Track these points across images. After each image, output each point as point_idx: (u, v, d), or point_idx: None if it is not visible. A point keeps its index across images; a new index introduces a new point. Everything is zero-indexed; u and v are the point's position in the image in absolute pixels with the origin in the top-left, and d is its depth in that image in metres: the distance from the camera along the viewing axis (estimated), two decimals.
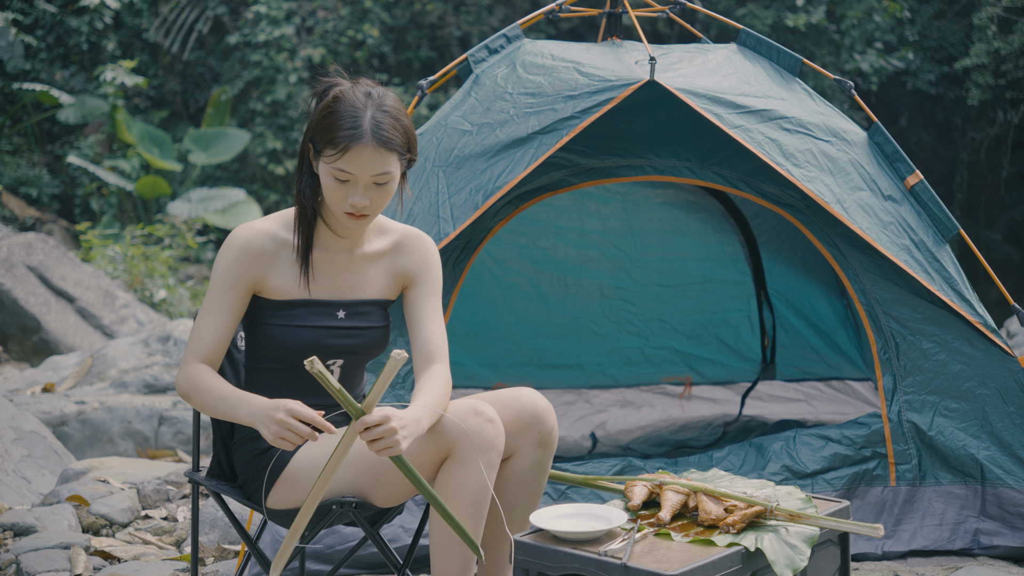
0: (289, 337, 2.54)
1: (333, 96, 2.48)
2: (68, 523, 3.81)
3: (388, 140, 2.44)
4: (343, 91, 2.48)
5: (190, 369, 2.50)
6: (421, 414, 2.37)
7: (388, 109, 2.47)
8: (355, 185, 2.46)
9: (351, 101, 2.46)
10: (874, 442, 3.55)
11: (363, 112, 2.44)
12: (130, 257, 10.19)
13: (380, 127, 2.44)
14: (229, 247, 2.54)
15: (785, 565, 2.32)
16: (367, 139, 2.43)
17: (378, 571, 3.35)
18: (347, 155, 2.43)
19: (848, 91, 3.82)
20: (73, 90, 12.87)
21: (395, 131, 2.46)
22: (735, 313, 5.14)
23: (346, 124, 2.43)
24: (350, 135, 2.43)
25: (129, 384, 6.18)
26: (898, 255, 3.53)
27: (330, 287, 2.59)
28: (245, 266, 2.52)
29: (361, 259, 2.61)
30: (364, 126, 2.43)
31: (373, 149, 2.43)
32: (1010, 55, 11.46)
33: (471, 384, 4.95)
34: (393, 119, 2.46)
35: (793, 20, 12.25)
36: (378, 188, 2.47)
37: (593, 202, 5.01)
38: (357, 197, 2.46)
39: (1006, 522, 3.48)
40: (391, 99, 2.50)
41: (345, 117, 2.44)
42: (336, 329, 2.57)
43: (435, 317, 2.63)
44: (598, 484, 2.72)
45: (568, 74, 3.61)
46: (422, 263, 2.66)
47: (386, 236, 2.66)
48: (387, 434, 2.27)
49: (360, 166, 2.44)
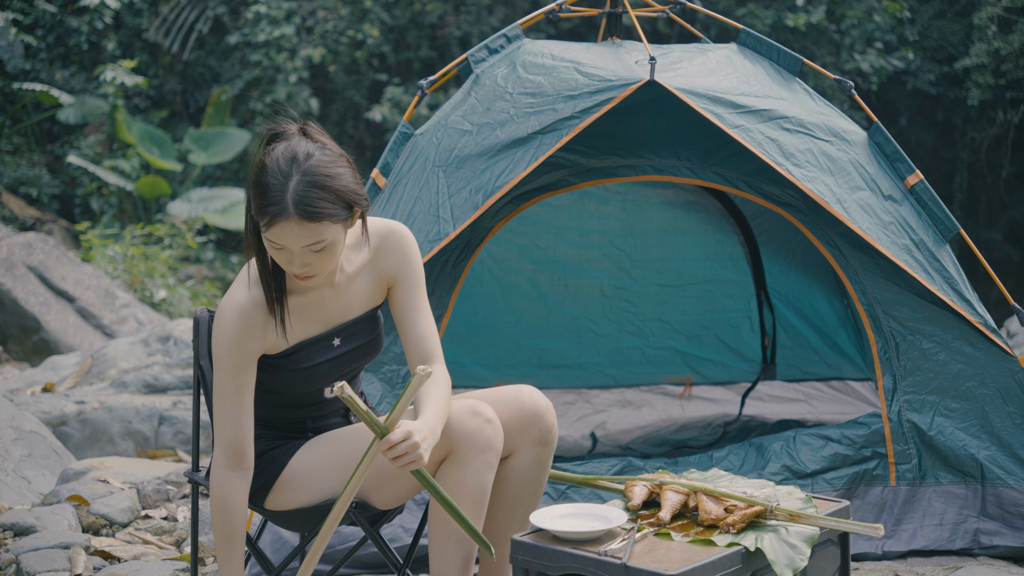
0: (291, 379, 2.53)
1: (260, 162, 2.35)
2: (68, 523, 3.81)
3: (313, 213, 2.30)
4: (268, 158, 2.34)
5: (225, 476, 2.44)
6: (435, 423, 2.37)
7: (314, 177, 2.31)
8: (291, 253, 2.35)
9: (274, 171, 2.32)
10: (874, 442, 3.55)
11: (286, 184, 2.30)
12: (130, 257, 10.19)
13: (303, 201, 2.29)
14: (225, 329, 2.43)
15: (785, 565, 2.32)
16: (289, 215, 2.29)
17: (378, 571, 3.35)
18: (273, 229, 2.31)
19: (848, 91, 3.82)
20: (73, 90, 12.87)
21: (322, 201, 2.31)
22: (735, 313, 5.14)
23: (270, 199, 2.30)
24: (274, 211, 2.29)
25: (129, 384, 6.18)
26: (898, 255, 3.53)
27: (322, 319, 2.53)
28: (246, 341, 2.43)
29: (346, 281, 2.55)
30: (286, 200, 2.29)
31: (296, 223, 2.29)
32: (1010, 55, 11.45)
33: (471, 384, 4.95)
34: (319, 188, 2.31)
35: (793, 20, 12.25)
36: (316, 255, 2.36)
37: (593, 202, 5.00)
38: (294, 266, 2.37)
39: (1006, 522, 3.48)
40: (318, 159, 2.34)
41: (270, 190, 2.30)
42: (334, 360, 2.55)
43: (424, 314, 2.58)
44: (598, 484, 2.72)
45: (568, 74, 3.61)
46: (403, 261, 2.58)
47: (363, 248, 2.57)
48: (411, 449, 2.27)
49: (288, 239, 2.32)
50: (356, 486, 2.34)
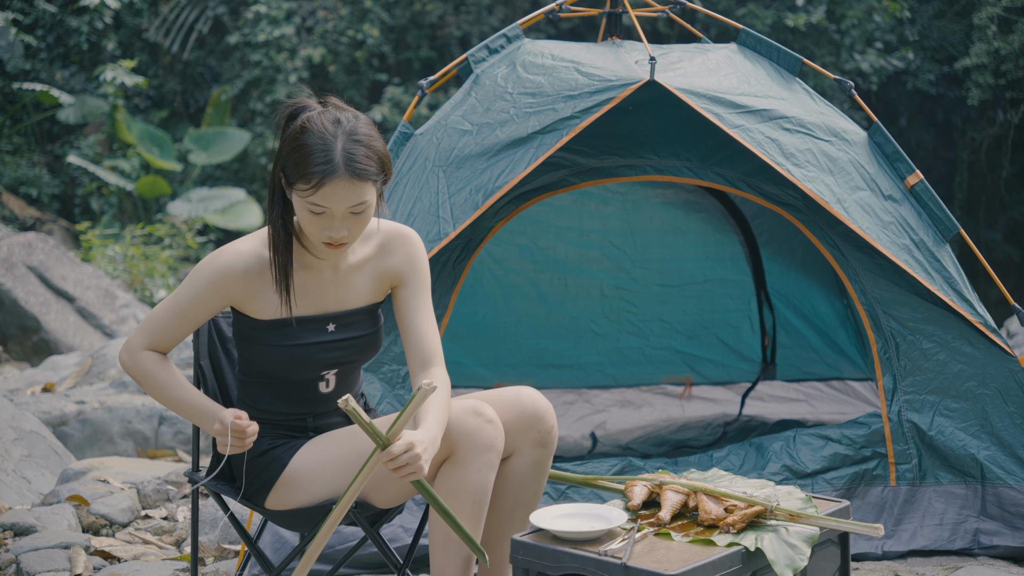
0: (281, 355, 2.52)
1: (300, 126, 2.37)
2: (68, 523, 3.81)
3: (363, 171, 2.35)
4: (310, 120, 2.37)
5: (142, 355, 2.50)
6: (436, 432, 2.37)
7: (360, 137, 2.37)
8: (331, 218, 2.38)
9: (320, 132, 2.35)
10: (874, 442, 3.55)
11: (333, 143, 2.34)
12: (130, 257, 10.20)
13: (353, 159, 2.34)
14: (212, 266, 2.47)
15: (785, 565, 2.32)
16: (340, 173, 2.33)
17: (378, 571, 3.35)
18: (321, 190, 2.34)
19: (848, 91, 3.82)
20: (73, 90, 12.87)
21: (368, 160, 2.36)
22: (735, 313, 5.14)
23: (317, 159, 2.33)
24: (323, 170, 2.32)
25: (129, 384, 6.18)
26: (898, 255, 3.53)
27: (318, 303, 2.54)
28: (224, 288, 2.47)
29: (347, 270, 2.56)
30: (336, 159, 2.33)
31: (347, 182, 2.34)
32: (1010, 55, 11.45)
33: (471, 384, 4.95)
34: (366, 147, 2.36)
35: (793, 20, 12.25)
36: (355, 217, 2.40)
37: (593, 202, 5.00)
38: (334, 230, 2.39)
39: (1006, 522, 3.47)
40: (362, 123, 2.40)
41: (316, 151, 2.33)
42: (327, 343, 2.54)
43: (427, 317, 2.59)
44: (598, 484, 2.72)
45: (568, 74, 3.61)
46: (409, 262, 2.60)
47: (370, 241, 2.59)
48: (412, 461, 2.28)
49: (335, 200, 2.35)
50: (356, 493, 2.35)
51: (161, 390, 2.51)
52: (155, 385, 2.51)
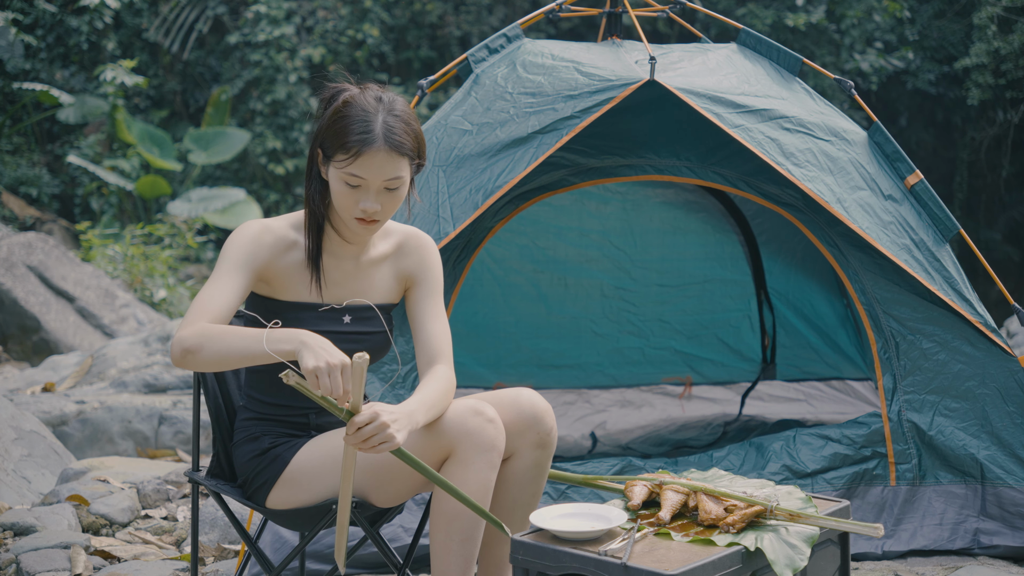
0: None
1: (343, 101, 2.47)
2: (68, 523, 3.81)
3: (400, 144, 2.44)
4: (353, 96, 2.47)
5: (198, 325, 2.36)
6: (414, 407, 2.37)
7: (399, 113, 2.46)
8: (366, 190, 2.45)
9: (362, 106, 2.45)
10: (874, 442, 3.55)
11: (374, 117, 2.44)
12: (130, 257, 10.19)
13: (392, 131, 2.43)
14: (243, 232, 2.51)
15: (785, 565, 2.31)
16: (379, 143, 2.42)
17: (378, 571, 3.35)
18: (359, 160, 2.42)
19: (848, 91, 3.82)
20: (73, 90, 12.87)
21: (406, 135, 2.45)
22: (735, 313, 5.14)
23: (358, 129, 2.43)
24: (362, 140, 2.42)
25: (129, 384, 6.18)
26: (898, 255, 3.53)
27: (337, 293, 2.59)
28: (259, 250, 2.50)
29: (367, 264, 2.62)
30: (376, 130, 2.42)
31: (385, 153, 2.42)
32: (1010, 55, 11.46)
33: (471, 384, 4.95)
34: (404, 123, 2.46)
35: (793, 20, 12.25)
36: (389, 193, 2.47)
37: (593, 202, 5.00)
38: (368, 202, 2.45)
39: (1006, 522, 3.48)
40: (401, 103, 2.50)
41: (356, 122, 2.43)
42: (341, 334, 2.56)
43: (438, 317, 2.64)
44: (598, 484, 2.72)
45: (568, 74, 3.61)
46: (422, 264, 2.66)
47: (389, 238, 2.66)
48: (379, 430, 2.26)
49: (372, 171, 2.43)
50: (348, 481, 2.31)
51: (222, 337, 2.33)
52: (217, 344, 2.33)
